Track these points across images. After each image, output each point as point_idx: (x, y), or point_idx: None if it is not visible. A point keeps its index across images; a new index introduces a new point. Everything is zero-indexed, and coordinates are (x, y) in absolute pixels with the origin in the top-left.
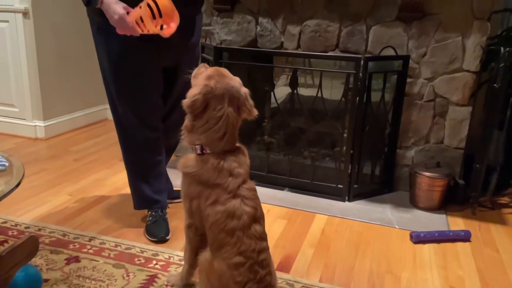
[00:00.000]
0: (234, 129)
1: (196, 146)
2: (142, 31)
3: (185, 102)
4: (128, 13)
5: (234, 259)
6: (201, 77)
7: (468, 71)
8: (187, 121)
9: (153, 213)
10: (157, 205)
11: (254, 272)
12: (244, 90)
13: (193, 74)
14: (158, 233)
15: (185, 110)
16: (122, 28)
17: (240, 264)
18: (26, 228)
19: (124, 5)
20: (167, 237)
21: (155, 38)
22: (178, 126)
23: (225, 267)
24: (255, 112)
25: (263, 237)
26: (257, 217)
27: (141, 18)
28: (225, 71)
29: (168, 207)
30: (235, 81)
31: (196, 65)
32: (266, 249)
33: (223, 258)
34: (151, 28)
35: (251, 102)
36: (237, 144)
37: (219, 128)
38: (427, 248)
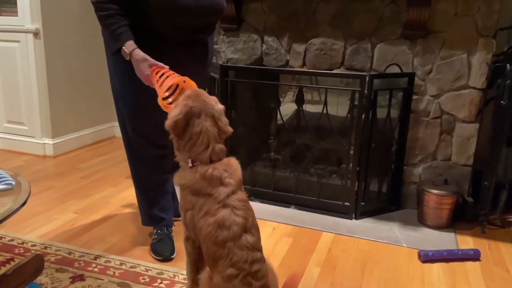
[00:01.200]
0: (217, 141)
1: (188, 160)
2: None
3: (167, 124)
4: (151, 66)
5: (227, 271)
6: (180, 98)
7: (474, 88)
8: (174, 143)
9: (159, 231)
10: (163, 223)
11: (247, 284)
12: (219, 107)
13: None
14: (163, 251)
15: (169, 131)
16: (144, 82)
17: (233, 276)
18: (32, 246)
19: (150, 62)
20: (172, 256)
21: (171, 60)
22: None
23: (220, 280)
24: (229, 129)
25: (255, 247)
26: (248, 227)
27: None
28: (201, 91)
29: (174, 225)
30: (211, 100)
31: (206, 85)
32: (259, 260)
33: (219, 272)
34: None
35: (225, 119)
36: (226, 157)
37: (201, 142)
38: (436, 267)
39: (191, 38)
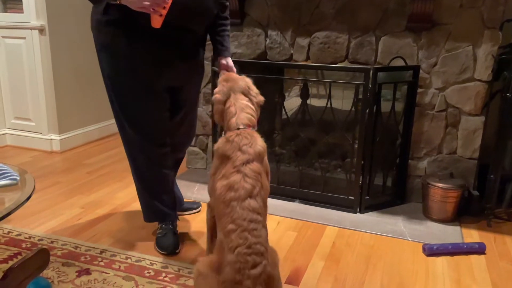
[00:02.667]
0: (244, 110)
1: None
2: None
3: (216, 119)
4: None
5: (228, 227)
6: (215, 90)
7: (480, 80)
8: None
9: (163, 225)
10: (167, 218)
11: (243, 238)
12: (246, 82)
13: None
14: (168, 246)
15: (219, 123)
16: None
17: (232, 231)
18: (39, 240)
19: None
20: (177, 250)
21: (158, 58)
22: (184, 146)
23: (222, 236)
24: (261, 98)
25: (256, 210)
26: (254, 194)
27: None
28: (229, 75)
29: (178, 220)
30: (239, 80)
31: (200, 82)
32: (258, 221)
33: (222, 228)
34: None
35: (254, 90)
36: (253, 129)
37: (231, 112)
38: (440, 261)
39: (176, 34)
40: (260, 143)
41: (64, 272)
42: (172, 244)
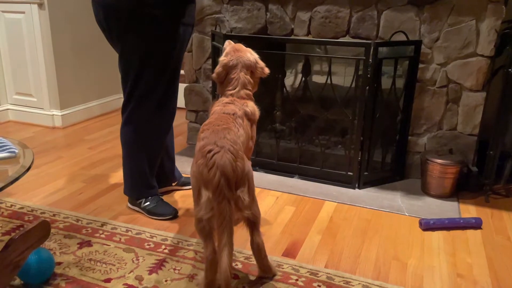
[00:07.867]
0: (245, 86)
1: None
2: None
3: (213, 76)
4: None
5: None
6: (223, 55)
7: (482, 55)
8: (217, 88)
9: (150, 197)
10: (154, 190)
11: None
12: (254, 57)
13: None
14: (169, 210)
15: (215, 81)
16: None
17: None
18: (41, 213)
19: None
20: (177, 213)
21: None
22: None
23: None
24: (267, 70)
25: (229, 126)
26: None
27: None
28: (239, 46)
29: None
30: (246, 52)
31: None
32: (228, 128)
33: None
34: None
35: (261, 64)
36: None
37: (232, 85)
38: (436, 235)
39: None
40: (250, 107)
41: (66, 244)
42: (170, 207)
